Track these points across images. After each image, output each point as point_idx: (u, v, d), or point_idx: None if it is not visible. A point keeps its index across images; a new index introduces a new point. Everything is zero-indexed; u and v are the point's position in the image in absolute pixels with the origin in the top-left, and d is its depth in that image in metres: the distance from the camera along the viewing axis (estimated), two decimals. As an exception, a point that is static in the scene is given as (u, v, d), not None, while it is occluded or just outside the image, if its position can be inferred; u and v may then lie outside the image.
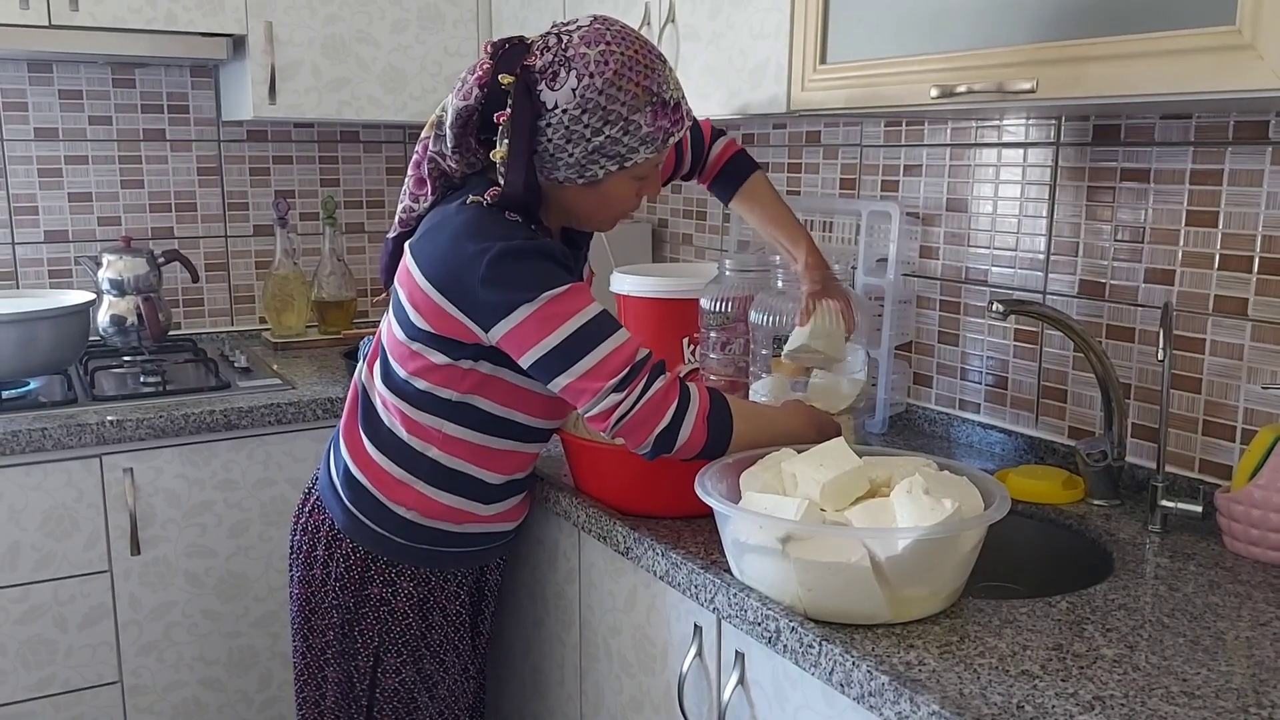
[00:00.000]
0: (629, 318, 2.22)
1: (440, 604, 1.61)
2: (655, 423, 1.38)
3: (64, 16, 2.27)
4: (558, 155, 1.39)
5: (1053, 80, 1.31)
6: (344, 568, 1.58)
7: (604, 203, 1.46)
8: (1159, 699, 1.06)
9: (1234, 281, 1.56)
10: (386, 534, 1.56)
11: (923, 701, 1.06)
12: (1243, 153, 1.54)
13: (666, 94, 1.39)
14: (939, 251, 2.01)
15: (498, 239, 1.37)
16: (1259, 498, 1.40)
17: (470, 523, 1.58)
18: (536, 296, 1.36)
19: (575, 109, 1.35)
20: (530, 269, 1.37)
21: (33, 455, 2.03)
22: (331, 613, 1.60)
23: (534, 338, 1.37)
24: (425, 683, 1.62)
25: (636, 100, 1.36)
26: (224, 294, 2.89)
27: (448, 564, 1.61)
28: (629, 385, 1.37)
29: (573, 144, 1.37)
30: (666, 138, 1.41)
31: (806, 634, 1.20)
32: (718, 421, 1.42)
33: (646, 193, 1.49)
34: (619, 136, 1.37)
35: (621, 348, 1.38)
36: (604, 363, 1.37)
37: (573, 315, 1.37)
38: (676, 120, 1.41)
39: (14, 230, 2.63)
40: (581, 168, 1.40)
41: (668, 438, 1.39)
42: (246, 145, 2.85)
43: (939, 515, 1.20)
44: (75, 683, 2.12)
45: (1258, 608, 1.28)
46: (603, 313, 1.40)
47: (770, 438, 1.47)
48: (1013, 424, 1.90)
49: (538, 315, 1.36)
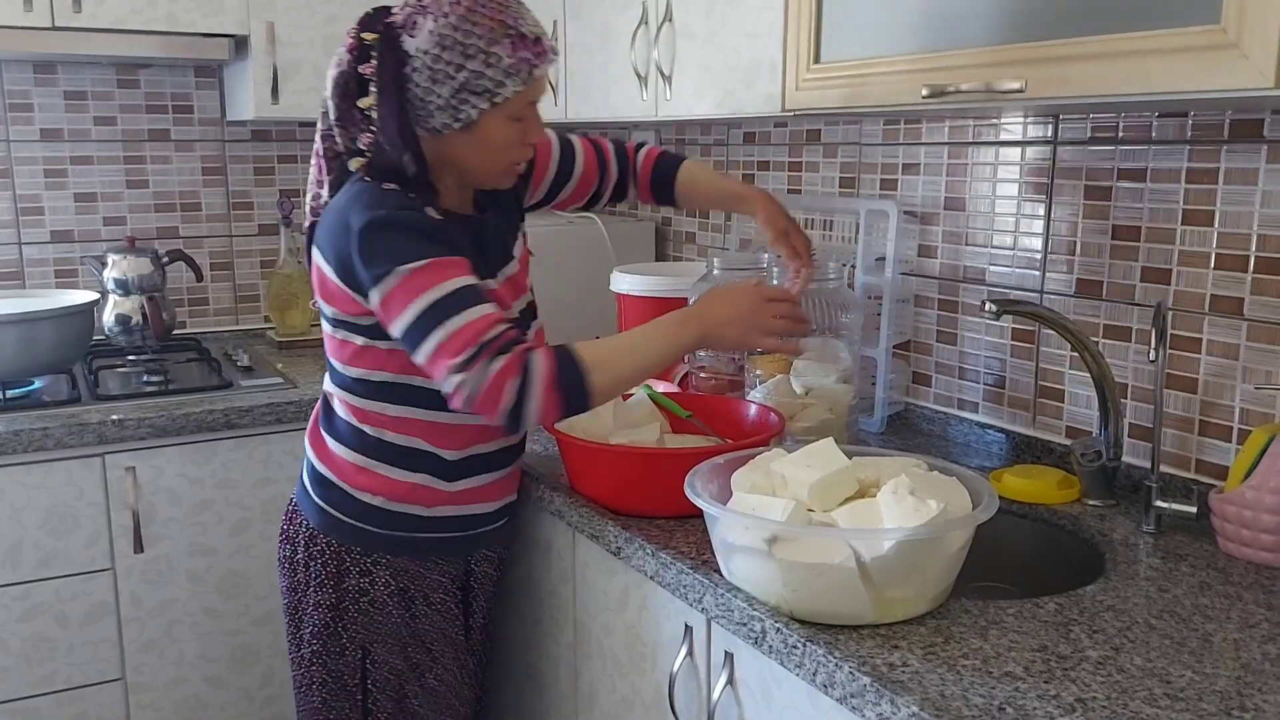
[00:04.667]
0: (628, 316, 2.22)
1: (423, 593, 1.62)
2: (499, 402, 1.37)
3: (67, 18, 2.28)
4: (428, 99, 1.42)
5: (1041, 80, 1.30)
6: (321, 564, 1.60)
7: (486, 147, 1.48)
8: (1141, 701, 1.06)
9: (1230, 281, 1.55)
10: (359, 525, 1.58)
11: (903, 703, 1.06)
12: (1238, 151, 1.53)
13: (524, 28, 1.43)
14: (937, 250, 2.00)
15: (369, 211, 1.41)
16: (1251, 498, 1.39)
17: (440, 504, 1.59)
18: (394, 270, 1.39)
19: (435, 48, 1.40)
20: (392, 242, 1.40)
21: (35, 454, 2.04)
22: (315, 613, 1.61)
23: (395, 311, 1.40)
24: (415, 672, 1.63)
25: (493, 33, 1.41)
26: (228, 293, 2.90)
27: (427, 552, 1.62)
28: (472, 364, 1.36)
29: (439, 84, 1.41)
30: (531, 68, 1.44)
31: (791, 635, 1.20)
32: (568, 384, 1.39)
33: (531, 138, 1.51)
34: (481, 70, 1.41)
35: (470, 325, 1.37)
36: (449, 340, 1.37)
37: (426, 290, 1.38)
38: (539, 53, 1.44)
39: (20, 230, 2.65)
40: (454, 110, 1.43)
41: (517, 413, 1.38)
42: (250, 145, 2.87)
43: (924, 516, 1.20)
44: (78, 680, 2.14)
45: (1247, 609, 1.27)
46: (461, 288, 1.39)
47: (644, 364, 1.46)
48: (1010, 423, 1.89)
49: (398, 289, 1.39)
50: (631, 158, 1.83)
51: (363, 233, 1.40)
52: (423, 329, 1.38)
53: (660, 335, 1.48)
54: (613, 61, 2.17)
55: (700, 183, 1.82)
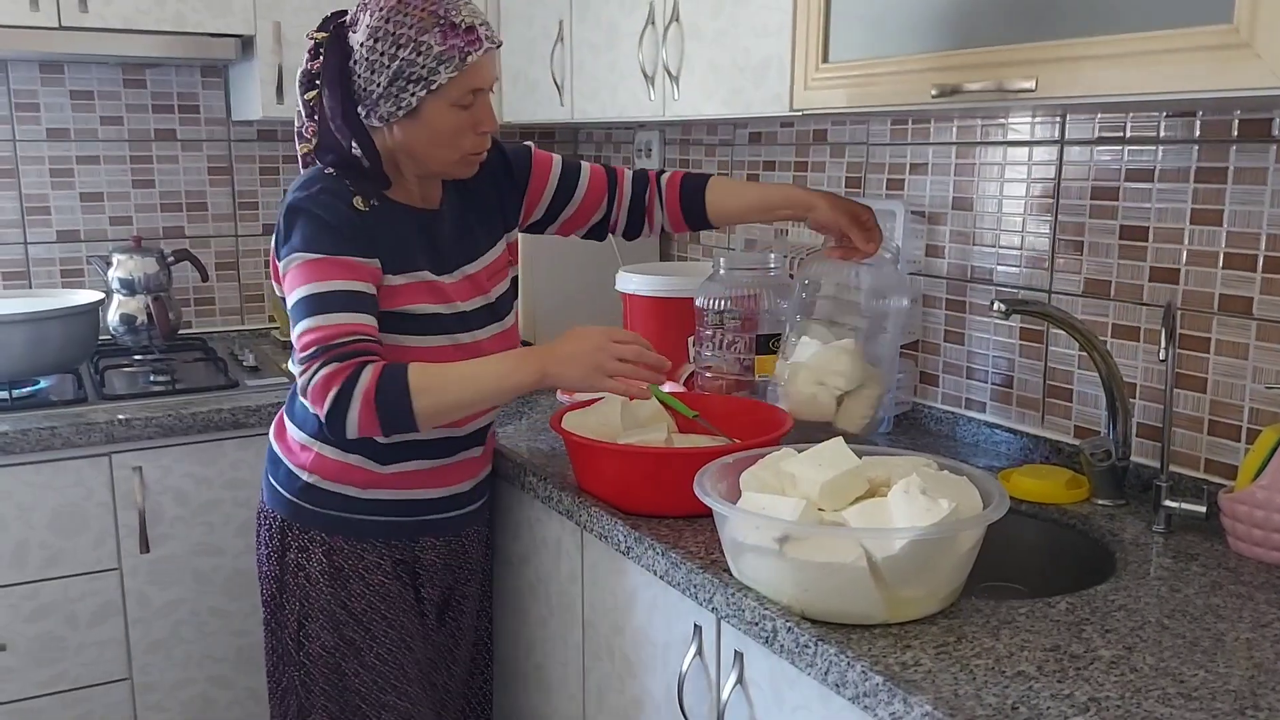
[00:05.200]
0: (633, 316, 2.22)
1: (358, 573, 1.64)
2: (321, 404, 1.45)
3: (74, 18, 2.28)
4: (369, 89, 1.50)
5: (1052, 79, 1.30)
6: (268, 537, 1.67)
7: (435, 136, 1.53)
8: (1155, 700, 1.06)
9: (1239, 280, 1.55)
10: (297, 501, 1.63)
11: (916, 702, 1.05)
12: (1247, 151, 1.53)
13: (456, 18, 1.49)
14: (945, 250, 2.00)
15: (297, 192, 1.52)
16: (1262, 498, 1.39)
17: (375, 487, 1.62)
18: (295, 254, 1.50)
19: (370, 40, 1.48)
20: (301, 227, 1.50)
21: (42, 454, 2.04)
22: (264, 584, 1.69)
23: (287, 291, 1.51)
24: (350, 648, 1.64)
25: (423, 23, 1.47)
26: (234, 293, 2.90)
27: (361, 533, 1.64)
28: (310, 362, 1.46)
29: (376, 73, 1.49)
30: (464, 56, 1.48)
31: (803, 634, 1.20)
32: (387, 402, 1.43)
33: (481, 126, 1.55)
34: (413, 58, 1.47)
35: (320, 329, 1.46)
36: (306, 334, 1.47)
37: (310, 282, 1.48)
38: (471, 41, 1.49)
39: (26, 230, 2.65)
40: (395, 98, 1.50)
41: (338, 420, 1.45)
42: (256, 145, 2.87)
43: (935, 515, 1.20)
44: (85, 679, 2.14)
45: (1259, 609, 1.27)
46: (337, 291, 1.47)
47: (475, 395, 1.50)
48: (1018, 423, 1.89)
49: (292, 272, 1.50)
50: (654, 181, 1.82)
51: (285, 214, 1.52)
52: (295, 316, 1.49)
53: (497, 369, 1.52)
54: (619, 61, 2.17)
55: (734, 192, 1.80)
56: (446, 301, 1.59)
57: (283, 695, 1.69)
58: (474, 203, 1.70)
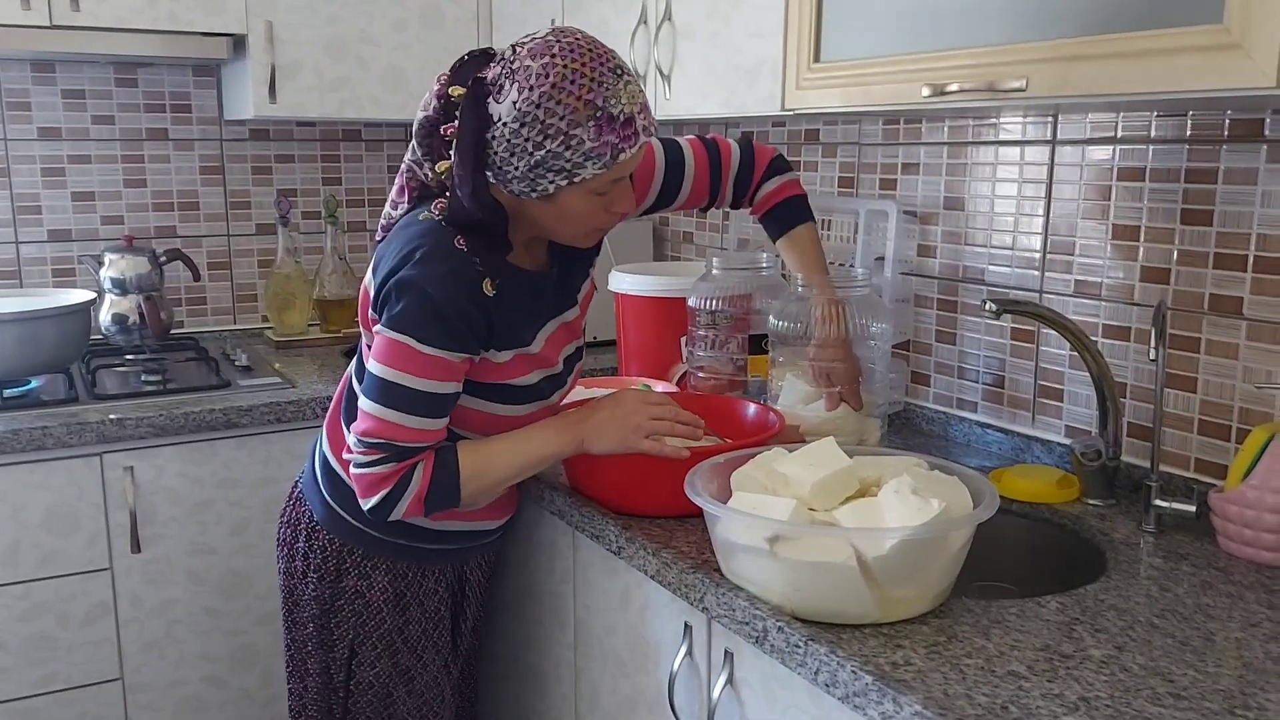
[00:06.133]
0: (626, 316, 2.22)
1: (418, 599, 1.62)
2: (369, 497, 1.44)
3: (65, 17, 2.28)
4: (505, 168, 1.36)
5: (1043, 79, 1.31)
6: (321, 560, 1.60)
7: (564, 217, 1.42)
8: (1145, 700, 1.06)
9: (1229, 280, 1.56)
10: (362, 527, 1.58)
11: (906, 702, 1.06)
12: (1238, 151, 1.53)
13: (615, 109, 1.33)
14: (937, 250, 2.00)
15: (423, 266, 1.39)
16: (1252, 498, 1.40)
17: (448, 520, 1.59)
18: (402, 334, 1.39)
19: (514, 122, 1.33)
20: (418, 310, 1.39)
21: (34, 453, 2.04)
22: (311, 604, 1.62)
23: (376, 357, 1.42)
24: (402, 677, 1.63)
25: (576, 115, 1.32)
26: (226, 293, 2.90)
27: (425, 560, 1.62)
28: (370, 451, 1.42)
29: (516, 157, 1.35)
30: (615, 153, 1.35)
31: (793, 634, 1.20)
32: (437, 498, 1.45)
33: (617, 208, 1.45)
34: (560, 150, 1.33)
35: (401, 428, 1.41)
36: (369, 418, 1.41)
37: (407, 372, 1.40)
38: (627, 136, 1.35)
39: (17, 229, 2.65)
40: (531, 182, 1.36)
41: (380, 513, 1.44)
42: (249, 144, 2.86)
43: (926, 515, 1.20)
44: (77, 679, 2.14)
45: (1249, 608, 1.27)
46: (429, 394, 1.41)
47: (519, 470, 1.50)
48: (1010, 423, 1.90)
49: (388, 344, 1.40)
50: (754, 184, 1.74)
51: (401, 287, 1.39)
52: (375, 394, 1.41)
53: (539, 441, 1.51)
54: (612, 61, 2.17)
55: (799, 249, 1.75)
56: (547, 365, 1.54)
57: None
58: (576, 250, 1.58)
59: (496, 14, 2.63)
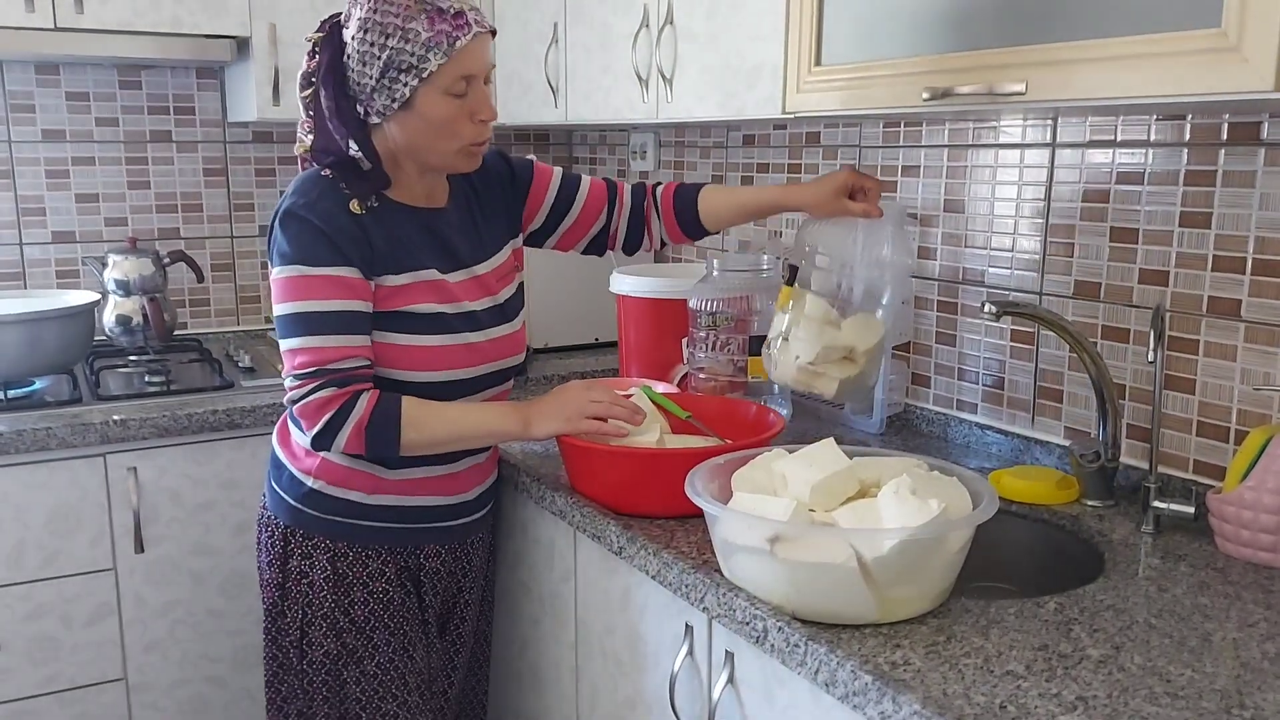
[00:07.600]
0: (627, 318, 2.23)
1: (361, 580, 1.64)
2: (313, 424, 1.50)
3: (69, 19, 2.29)
4: (363, 83, 1.49)
5: (1042, 82, 1.31)
6: (270, 545, 1.67)
7: (431, 127, 1.52)
8: (1142, 699, 1.07)
9: (1227, 282, 1.56)
10: (301, 507, 1.63)
11: (905, 701, 1.06)
12: (1236, 154, 1.54)
13: (443, 3, 1.49)
14: (937, 252, 2.01)
15: (293, 197, 1.52)
16: (1249, 499, 1.40)
17: (381, 493, 1.62)
18: (284, 266, 1.50)
19: (360, 33, 1.48)
20: (298, 237, 1.49)
21: (38, 454, 2.05)
22: (266, 591, 1.69)
23: (276, 299, 1.53)
24: (351, 658, 1.64)
25: (409, 10, 1.47)
26: (230, 294, 2.91)
27: (366, 539, 1.64)
28: (307, 381, 1.49)
29: (367, 65, 1.48)
30: (452, 41, 1.48)
31: (793, 634, 1.21)
32: (377, 433, 1.51)
33: (478, 115, 1.54)
34: (401, 46, 1.47)
35: (316, 350, 1.48)
36: (303, 351, 1.49)
37: (308, 299, 1.49)
38: (459, 25, 1.49)
39: (21, 231, 2.66)
40: (388, 90, 1.49)
41: (325, 440, 1.51)
42: (252, 146, 2.87)
43: (925, 516, 1.21)
44: (80, 680, 2.15)
45: (1246, 609, 1.28)
46: (339, 312, 1.49)
47: (459, 435, 1.57)
48: (1009, 424, 1.90)
49: (286, 283, 1.50)
50: (650, 192, 1.85)
51: (280, 221, 1.51)
52: (289, 330, 1.50)
53: (483, 416, 1.60)
54: (613, 63, 2.18)
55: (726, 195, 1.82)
56: (452, 300, 1.59)
57: (283, 703, 1.69)
58: (481, 205, 1.70)
59: (499, 15, 2.64)
